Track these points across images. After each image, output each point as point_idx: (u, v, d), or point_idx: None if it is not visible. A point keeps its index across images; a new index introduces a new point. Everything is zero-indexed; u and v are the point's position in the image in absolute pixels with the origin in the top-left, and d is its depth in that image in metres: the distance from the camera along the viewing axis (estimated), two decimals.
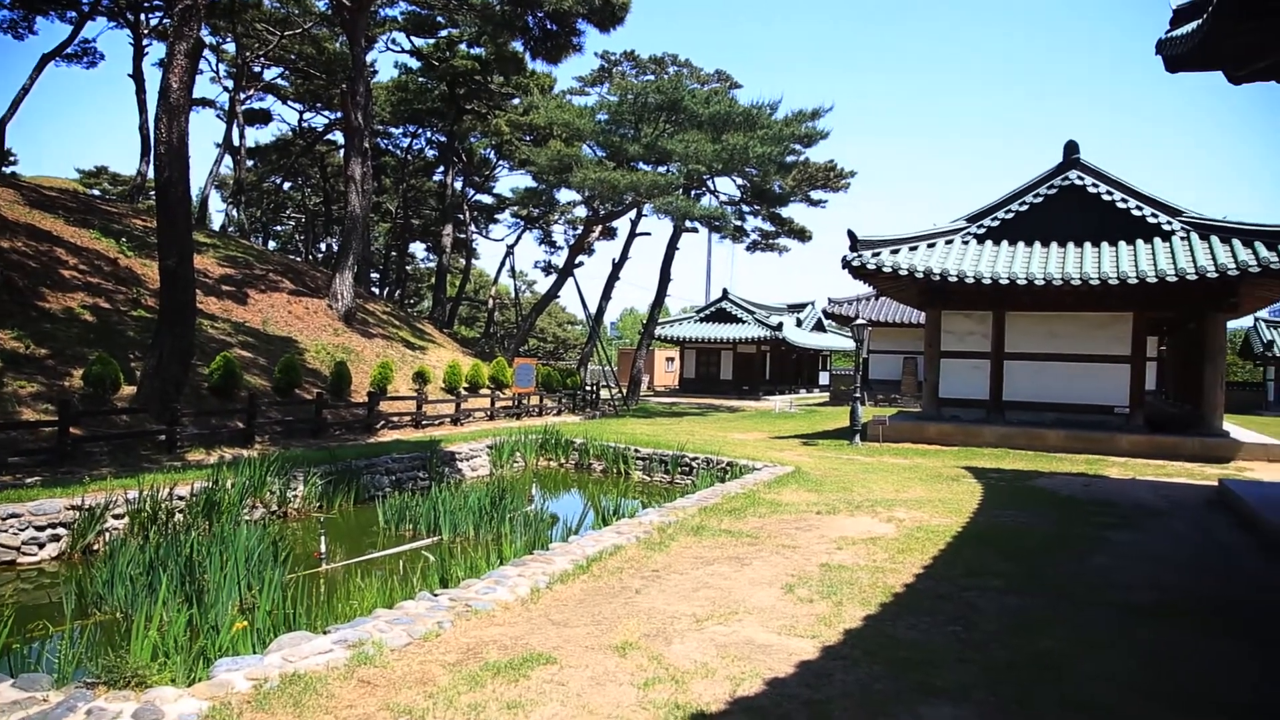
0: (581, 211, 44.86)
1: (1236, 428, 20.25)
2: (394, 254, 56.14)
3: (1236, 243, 17.07)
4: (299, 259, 43.38)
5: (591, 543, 8.35)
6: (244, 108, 41.51)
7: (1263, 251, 16.44)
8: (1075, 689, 4.89)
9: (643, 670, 5.02)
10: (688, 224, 34.14)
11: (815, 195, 38.23)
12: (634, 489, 17.15)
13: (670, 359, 53.19)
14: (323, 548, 10.72)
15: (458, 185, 45.88)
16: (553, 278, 44.07)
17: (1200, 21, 8.72)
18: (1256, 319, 40.94)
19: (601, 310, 40.50)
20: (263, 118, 46.26)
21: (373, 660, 5.07)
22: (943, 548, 8.50)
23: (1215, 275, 16.43)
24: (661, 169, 30.95)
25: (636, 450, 18.47)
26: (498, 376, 27.04)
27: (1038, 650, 5.53)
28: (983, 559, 8.04)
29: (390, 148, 48.89)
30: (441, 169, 46.88)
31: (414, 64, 41.84)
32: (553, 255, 52.91)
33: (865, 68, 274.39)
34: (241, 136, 41.85)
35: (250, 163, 46.22)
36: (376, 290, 50.28)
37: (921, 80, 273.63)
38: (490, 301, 55.80)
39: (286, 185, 52.72)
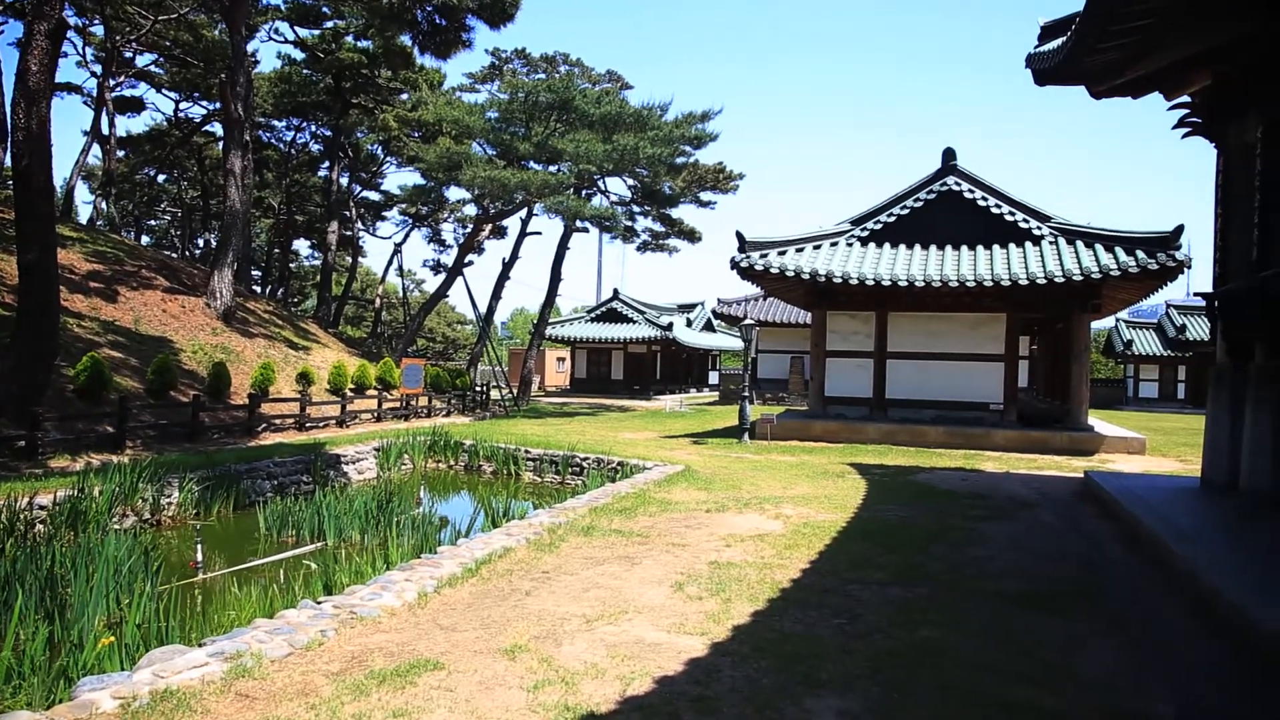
0: (471, 210, 44.25)
1: (1101, 422, 21.46)
2: (276, 251, 54.17)
3: (1099, 247, 18.05)
4: (175, 255, 41.48)
5: (481, 545, 8.25)
6: (114, 95, 39.27)
7: (1122, 256, 17.43)
8: (953, 675, 5.06)
9: (532, 673, 4.98)
10: (579, 224, 34.14)
11: (705, 196, 38.57)
12: (525, 490, 17.03)
13: (561, 359, 53.00)
14: (199, 556, 10.29)
15: (344, 181, 44.59)
16: (442, 277, 43.41)
17: (1065, 39, 9.19)
18: (1118, 320, 43.53)
19: (492, 310, 40.10)
20: (135, 106, 43.85)
21: (251, 672, 4.88)
22: (828, 543, 8.70)
23: (1080, 278, 17.33)
24: (552, 168, 30.83)
25: (527, 451, 18.36)
26: (385, 377, 26.49)
27: (919, 639, 5.71)
28: (866, 553, 8.27)
29: (273, 141, 47.13)
30: (327, 164, 45.43)
31: (298, 55, 40.47)
32: (442, 254, 52.15)
33: (753, 68, 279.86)
34: (111, 125, 39.62)
35: (121, 153, 43.71)
36: (258, 289, 48.45)
37: (807, 80, 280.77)
38: (377, 301, 54.49)
39: (161, 178, 50.17)
